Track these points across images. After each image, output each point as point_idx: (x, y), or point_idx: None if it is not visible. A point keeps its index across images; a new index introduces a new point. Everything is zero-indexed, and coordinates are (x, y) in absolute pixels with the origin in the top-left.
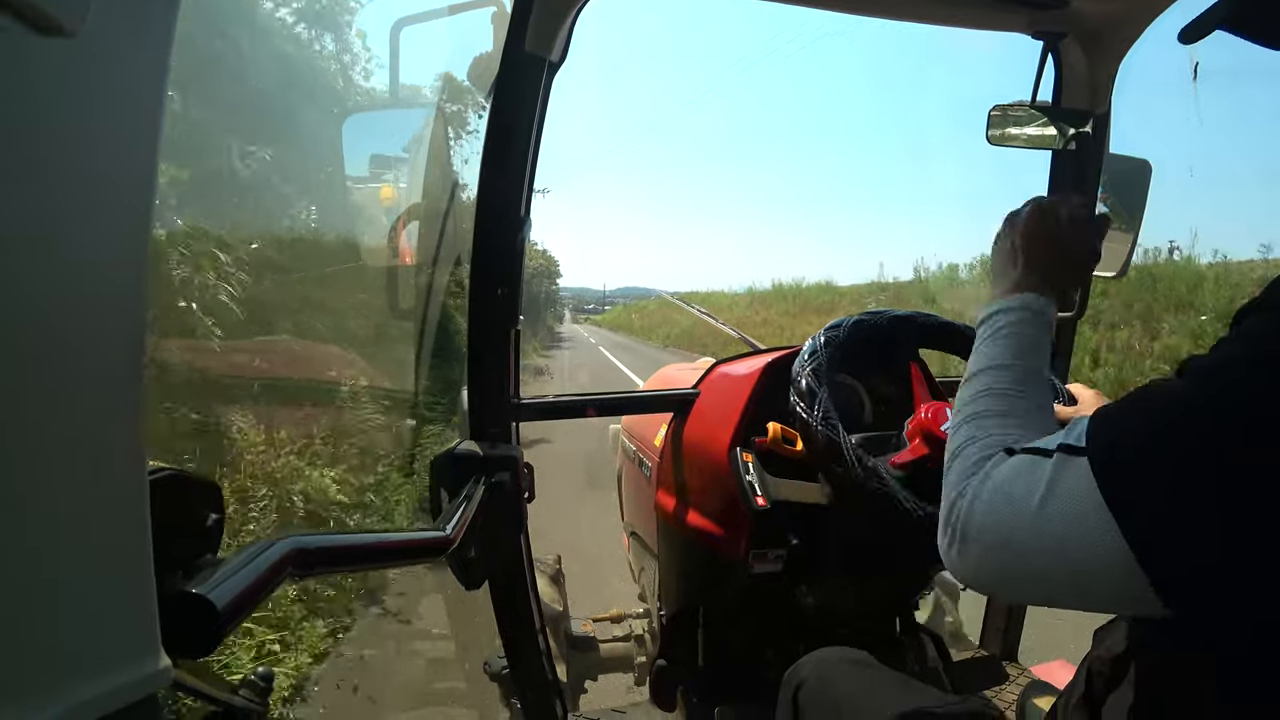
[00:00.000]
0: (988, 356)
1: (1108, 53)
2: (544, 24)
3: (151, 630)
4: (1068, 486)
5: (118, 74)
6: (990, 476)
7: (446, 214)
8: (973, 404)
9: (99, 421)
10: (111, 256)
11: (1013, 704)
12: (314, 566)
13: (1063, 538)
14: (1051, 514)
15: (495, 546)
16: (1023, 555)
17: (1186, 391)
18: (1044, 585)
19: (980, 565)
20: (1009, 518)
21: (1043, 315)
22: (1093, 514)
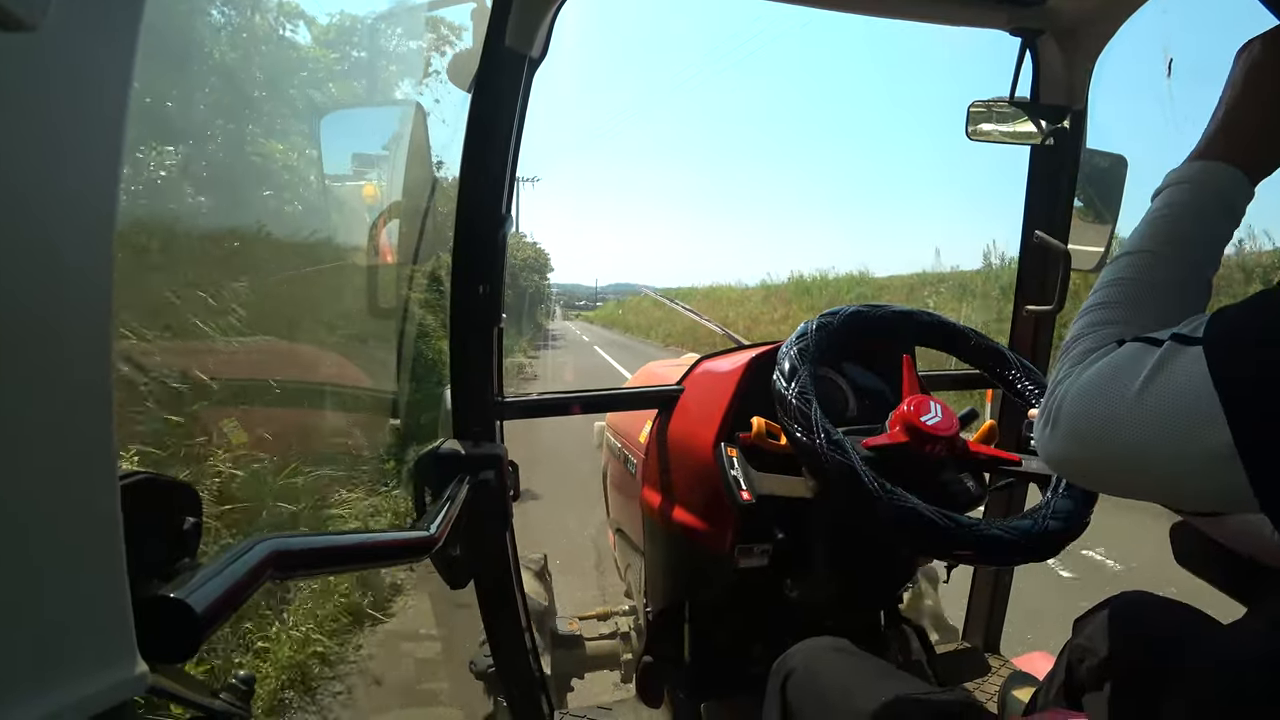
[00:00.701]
0: (1136, 238)
1: (1084, 50)
2: (524, 20)
3: (126, 636)
4: (1176, 372)
5: (81, 68)
6: (1094, 364)
7: (427, 212)
8: (1102, 291)
9: (67, 425)
10: (77, 254)
11: (994, 695)
12: (295, 568)
13: (1163, 423)
14: (1153, 398)
15: (480, 545)
16: (1116, 439)
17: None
18: (1133, 474)
19: (1069, 448)
20: (1106, 400)
21: (1218, 193)
22: (1200, 401)
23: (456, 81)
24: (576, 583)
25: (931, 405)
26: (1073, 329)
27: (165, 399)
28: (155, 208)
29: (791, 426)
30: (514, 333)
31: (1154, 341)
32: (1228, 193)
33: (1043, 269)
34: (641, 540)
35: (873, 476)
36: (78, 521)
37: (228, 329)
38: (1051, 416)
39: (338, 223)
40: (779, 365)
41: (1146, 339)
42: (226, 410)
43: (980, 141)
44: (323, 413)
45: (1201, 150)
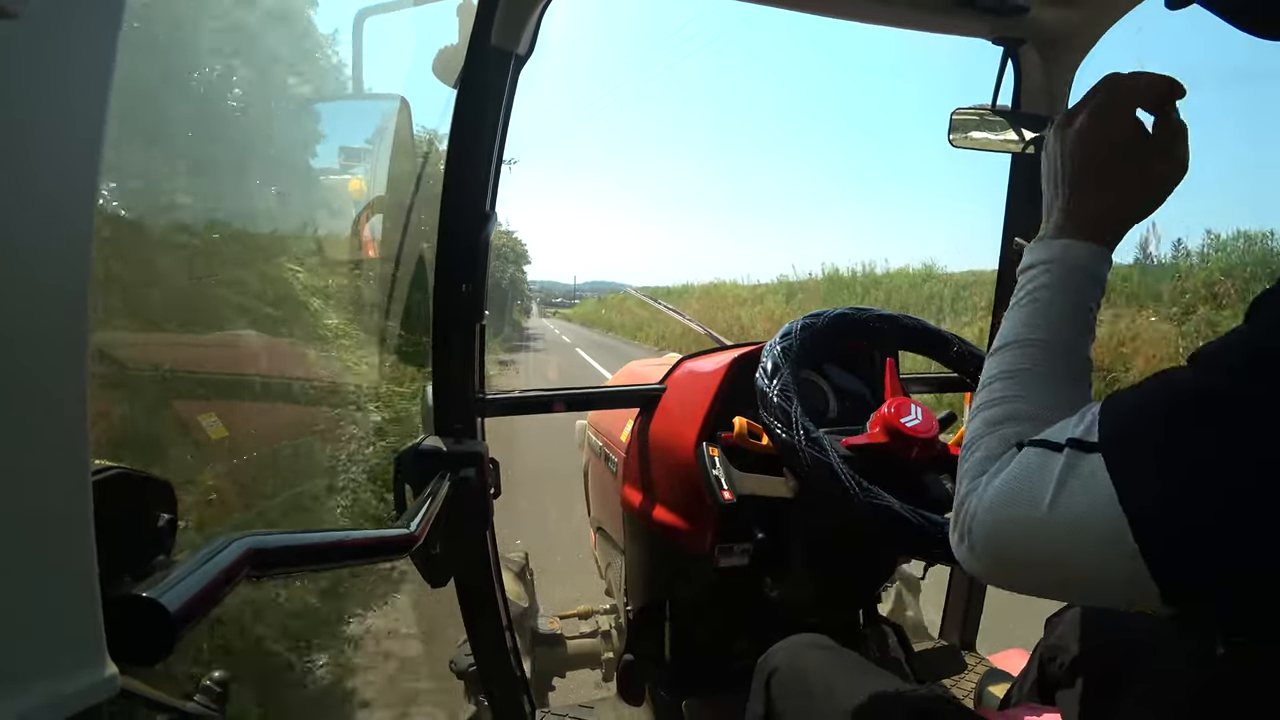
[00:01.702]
0: (1013, 327)
1: (1065, 59)
2: (511, 17)
3: (96, 637)
4: (1079, 484)
5: (63, 57)
6: (998, 475)
7: (410, 208)
8: (992, 386)
9: (35, 416)
10: (54, 245)
11: (971, 691)
12: (273, 566)
13: (1073, 538)
14: (1061, 515)
15: (460, 543)
16: (1030, 557)
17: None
18: (1051, 585)
19: (986, 566)
20: (1016, 521)
21: (1086, 271)
22: (1106, 511)
23: (442, 77)
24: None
25: (912, 408)
26: (969, 430)
27: (140, 392)
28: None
29: (772, 423)
30: (489, 330)
31: (1053, 446)
32: (1094, 268)
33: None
34: (622, 539)
35: (848, 473)
36: (46, 517)
37: (206, 323)
38: (965, 531)
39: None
40: (762, 363)
41: (1045, 443)
42: (204, 405)
43: (961, 149)
44: (301, 408)
45: (1057, 231)
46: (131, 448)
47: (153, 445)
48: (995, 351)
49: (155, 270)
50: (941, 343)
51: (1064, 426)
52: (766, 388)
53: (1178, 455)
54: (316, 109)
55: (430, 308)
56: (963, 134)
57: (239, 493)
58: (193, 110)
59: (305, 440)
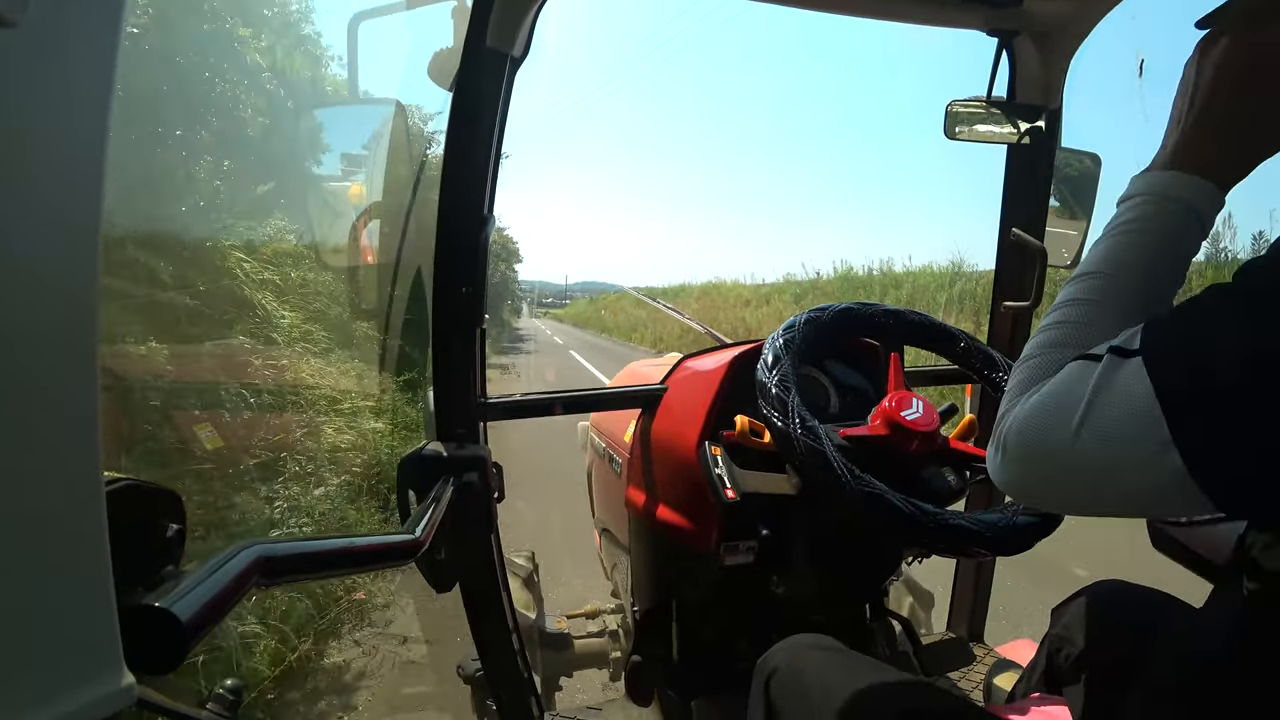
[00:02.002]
0: (1098, 256)
1: (1059, 50)
2: (506, 19)
3: (113, 647)
4: (1117, 387)
5: (63, 65)
6: (1040, 389)
7: (409, 212)
8: (1059, 310)
9: (52, 431)
10: (60, 255)
11: (979, 684)
12: (281, 574)
13: (1111, 441)
14: (1099, 418)
15: (465, 548)
16: (1067, 464)
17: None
18: (1089, 494)
19: (1021, 474)
20: (1054, 426)
21: (1191, 208)
22: (1145, 415)
23: (437, 80)
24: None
25: (913, 401)
26: (1027, 348)
27: (143, 403)
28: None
29: (770, 413)
30: None
31: (1093, 357)
32: (1201, 207)
33: (1020, 266)
34: (627, 539)
35: (841, 461)
36: (63, 529)
37: (206, 333)
38: (1001, 443)
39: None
40: (763, 356)
41: (1086, 356)
42: (201, 414)
43: (958, 140)
44: (304, 416)
45: (1168, 160)
46: (139, 458)
47: (157, 455)
48: (1075, 278)
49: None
50: (948, 338)
51: (1109, 344)
52: (766, 378)
53: (1214, 350)
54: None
55: (430, 312)
56: (959, 126)
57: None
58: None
59: (300, 448)
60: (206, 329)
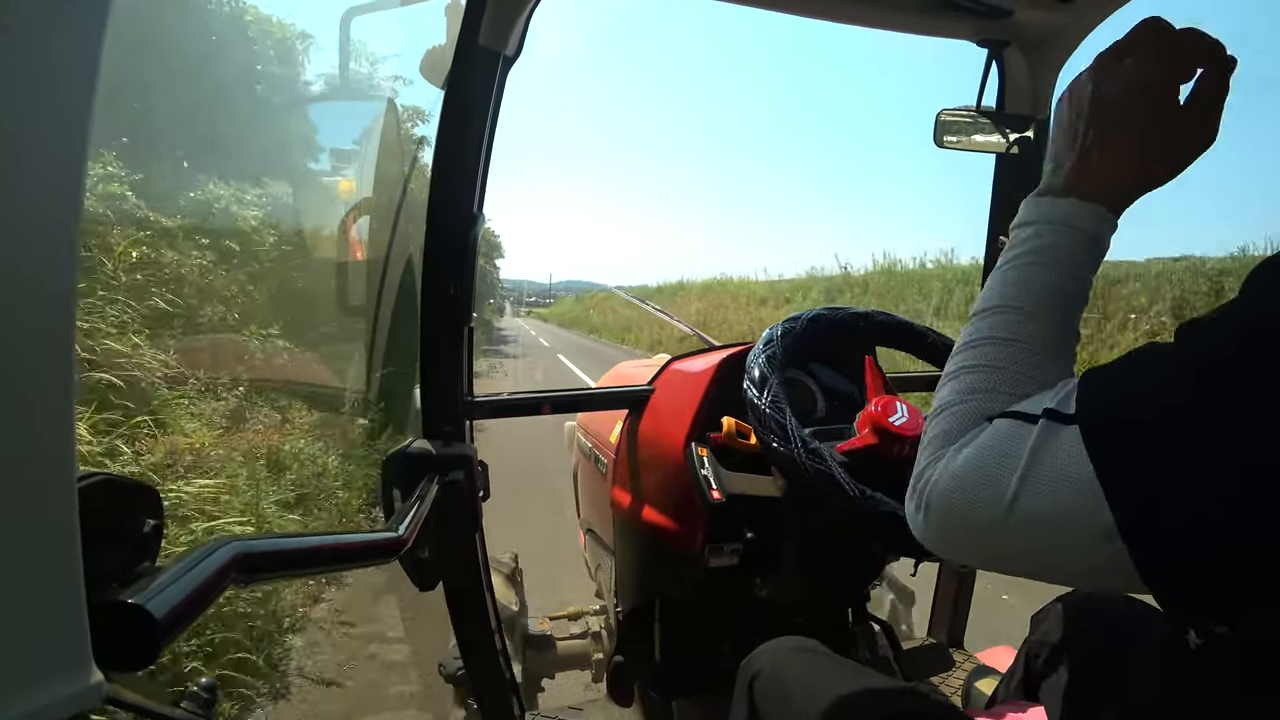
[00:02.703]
0: (1000, 289)
1: (1049, 62)
2: (499, 18)
3: (82, 645)
4: (1054, 457)
5: (47, 64)
6: (965, 446)
7: (398, 210)
8: (963, 354)
9: (21, 424)
10: (40, 251)
11: (958, 689)
12: (260, 571)
13: (1047, 514)
14: (1032, 490)
15: (449, 546)
16: (995, 538)
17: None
18: (1018, 564)
19: (945, 541)
20: (981, 501)
21: (1090, 236)
22: (1082, 488)
23: (429, 78)
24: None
25: (898, 406)
26: (937, 395)
27: (128, 397)
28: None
29: (768, 437)
30: None
31: (1026, 418)
32: (1100, 234)
33: None
34: (612, 540)
35: (852, 483)
36: (31, 524)
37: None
38: (924, 503)
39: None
40: (749, 374)
41: (1018, 415)
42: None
43: (947, 149)
44: (291, 411)
45: (1065, 187)
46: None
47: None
48: (977, 314)
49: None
50: (916, 336)
51: (1040, 399)
52: (758, 400)
53: (1162, 430)
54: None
55: (418, 309)
56: (948, 134)
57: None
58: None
59: (290, 443)
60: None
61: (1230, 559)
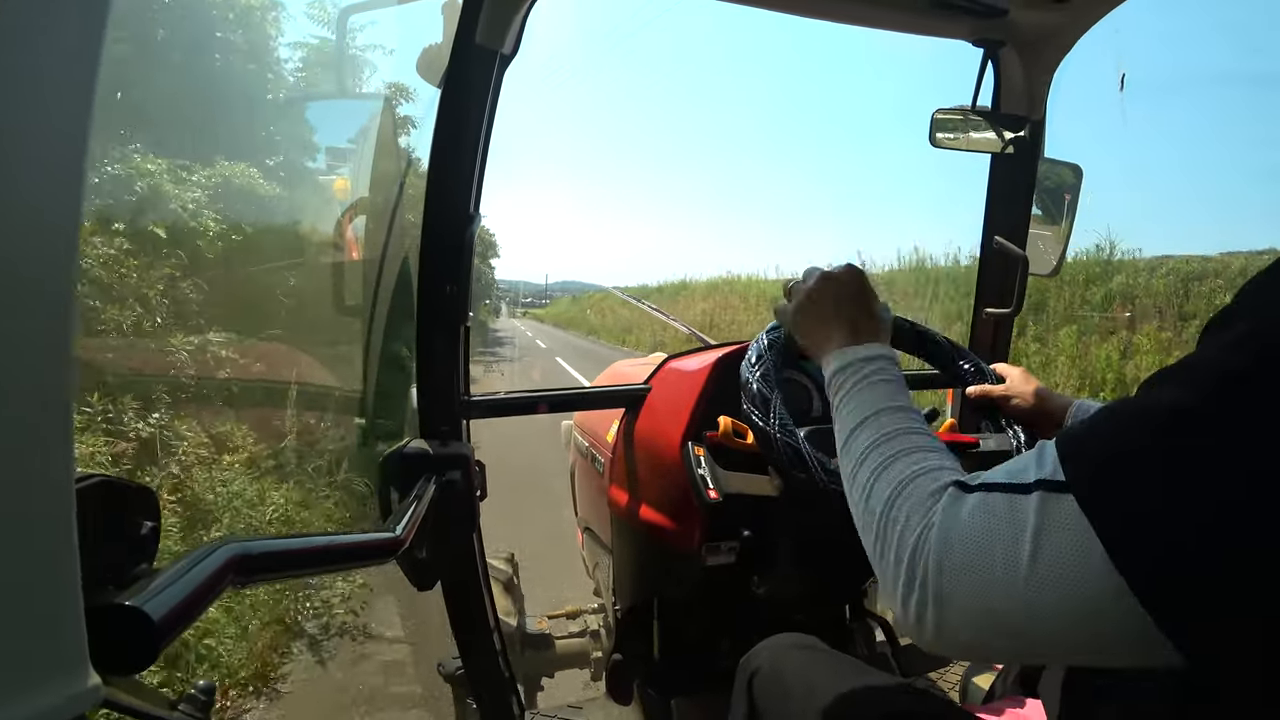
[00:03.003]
0: (872, 402)
1: (1044, 62)
2: (496, 16)
3: (79, 647)
4: (1058, 533)
5: (46, 63)
6: (954, 522)
7: (395, 208)
8: (869, 458)
9: (19, 425)
10: (36, 249)
11: (956, 684)
12: (257, 573)
13: (1060, 584)
14: (1046, 568)
15: (447, 546)
16: (1019, 619)
17: (1168, 402)
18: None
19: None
20: (998, 580)
21: (886, 359)
22: (1094, 560)
23: (426, 76)
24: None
25: None
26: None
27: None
28: (115, 202)
29: (750, 410)
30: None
31: (1018, 489)
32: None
33: (1002, 274)
34: (609, 538)
35: (814, 455)
36: (29, 525)
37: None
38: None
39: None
40: (745, 388)
41: (1005, 486)
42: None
43: (943, 149)
44: (287, 412)
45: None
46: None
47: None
48: (856, 429)
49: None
50: (909, 332)
51: (1020, 467)
52: (749, 376)
53: (1157, 490)
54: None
55: (415, 309)
56: (944, 134)
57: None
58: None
59: (287, 443)
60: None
61: (1250, 606)
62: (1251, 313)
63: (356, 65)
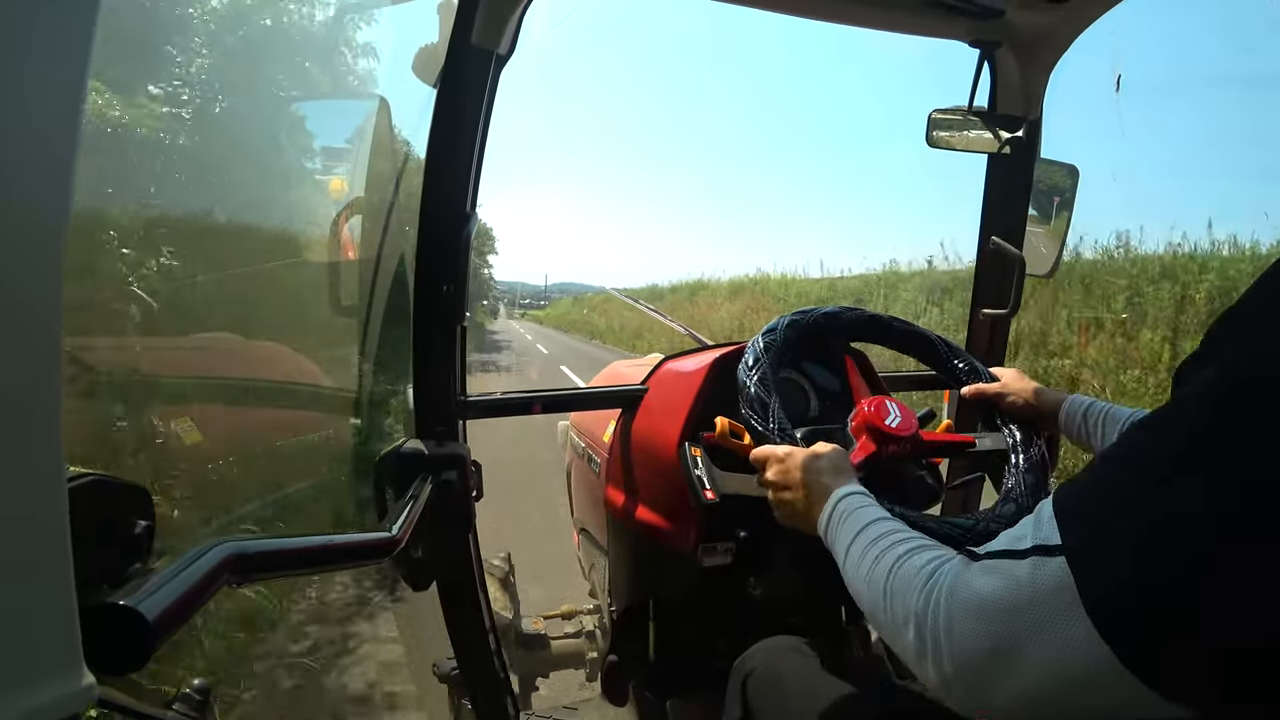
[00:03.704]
0: (866, 517)
1: (1040, 62)
2: (492, 16)
3: (72, 647)
4: (1049, 591)
5: (38, 63)
6: (956, 595)
7: (390, 209)
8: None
9: (10, 424)
10: (25, 248)
11: None
12: (253, 572)
13: (1057, 653)
14: (1039, 629)
15: (443, 546)
16: (1022, 667)
17: (1146, 473)
18: (1054, 707)
19: (992, 702)
20: (1001, 631)
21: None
22: (1080, 620)
23: (422, 77)
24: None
25: (890, 407)
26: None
27: (114, 397)
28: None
29: (749, 414)
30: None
31: (1016, 554)
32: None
33: (999, 274)
34: (605, 539)
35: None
36: (20, 525)
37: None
38: (941, 658)
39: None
40: (744, 357)
41: (1005, 553)
42: (180, 409)
43: (939, 149)
44: (282, 411)
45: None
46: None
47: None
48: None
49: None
50: (884, 326)
51: (1020, 533)
52: (747, 380)
53: (1132, 556)
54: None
55: (410, 309)
56: (939, 134)
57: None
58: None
59: (283, 444)
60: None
61: (1245, 666)
62: (1214, 361)
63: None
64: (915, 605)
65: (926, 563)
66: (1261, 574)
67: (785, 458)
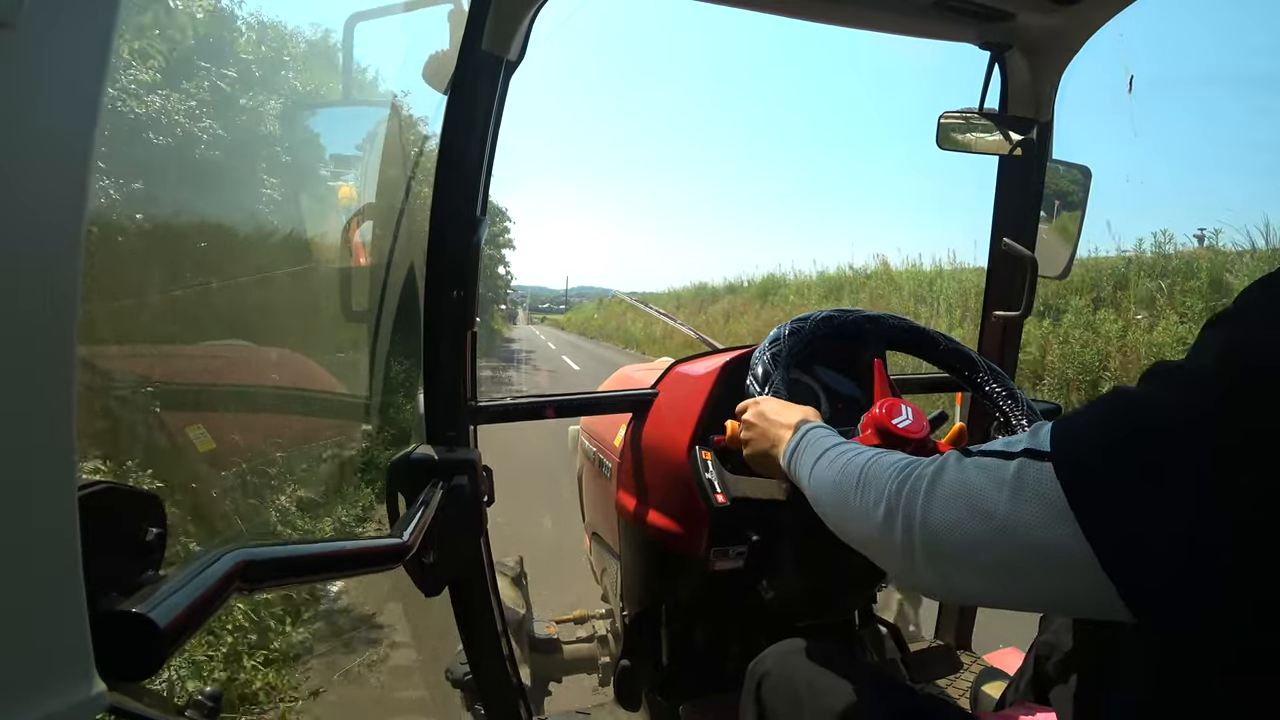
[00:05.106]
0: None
1: (1050, 64)
2: (502, 23)
3: (84, 654)
4: (1032, 490)
5: (56, 65)
6: (941, 478)
7: (401, 214)
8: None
9: (23, 432)
10: (41, 254)
11: (966, 691)
12: (265, 579)
13: (1029, 547)
14: (1016, 523)
15: (454, 552)
16: (987, 566)
17: (1157, 399)
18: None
19: (942, 578)
20: (973, 520)
21: (823, 429)
22: (1059, 520)
23: (432, 83)
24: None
25: (902, 408)
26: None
27: (130, 405)
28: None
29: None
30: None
31: (1004, 455)
32: (825, 426)
33: (1011, 276)
34: (617, 544)
35: None
36: (33, 533)
37: (200, 332)
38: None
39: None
40: (752, 370)
41: (994, 453)
42: (193, 416)
43: (951, 151)
44: (294, 418)
45: (795, 426)
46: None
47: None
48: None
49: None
50: (928, 341)
51: (1016, 440)
52: (755, 389)
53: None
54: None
55: (421, 315)
56: (950, 136)
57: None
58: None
59: (297, 450)
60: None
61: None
62: (1240, 324)
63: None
64: (889, 488)
65: (902, 458)
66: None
67: (760, 401)
